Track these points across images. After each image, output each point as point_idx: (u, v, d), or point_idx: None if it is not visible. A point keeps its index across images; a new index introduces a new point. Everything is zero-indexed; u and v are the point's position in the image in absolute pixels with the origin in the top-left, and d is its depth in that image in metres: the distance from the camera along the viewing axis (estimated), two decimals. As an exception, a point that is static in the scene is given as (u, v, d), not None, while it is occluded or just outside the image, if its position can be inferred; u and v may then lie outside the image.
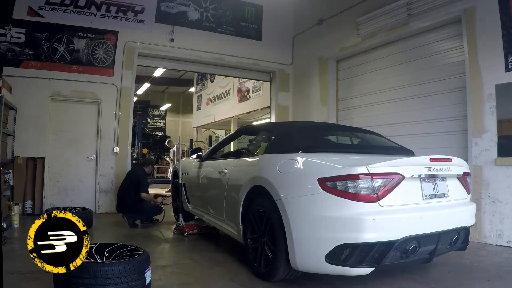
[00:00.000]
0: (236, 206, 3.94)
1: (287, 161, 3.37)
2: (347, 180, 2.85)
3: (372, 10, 7.21)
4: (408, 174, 2.99)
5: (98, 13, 7.91)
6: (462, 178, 3.49)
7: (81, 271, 2.56)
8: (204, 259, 4.25)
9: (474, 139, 5.44)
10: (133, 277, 2.71)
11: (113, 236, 5.69)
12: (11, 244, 4.70)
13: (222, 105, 16.81)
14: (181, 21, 8.69)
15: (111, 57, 8.01)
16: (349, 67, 8.25)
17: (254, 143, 4.93)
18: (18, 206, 6.07)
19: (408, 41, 6.82)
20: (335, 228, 2.84)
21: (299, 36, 9.66)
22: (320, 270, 2.98)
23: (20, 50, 7.34)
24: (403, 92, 6.86)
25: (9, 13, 7.26)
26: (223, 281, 3.49)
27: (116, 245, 3.21)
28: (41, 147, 7.34)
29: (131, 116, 8.41)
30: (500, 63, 5.16)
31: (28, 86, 7.29)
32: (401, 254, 2.90)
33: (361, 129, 4.91)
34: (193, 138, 20.89)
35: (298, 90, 9.63)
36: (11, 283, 3.11)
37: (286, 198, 3.14)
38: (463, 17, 5.68)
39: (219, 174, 4.55)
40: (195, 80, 20.26)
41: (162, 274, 3.59)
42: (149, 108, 25.55)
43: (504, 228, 5.07)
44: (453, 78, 6.02)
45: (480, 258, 4.39)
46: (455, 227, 3.21)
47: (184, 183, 6.04)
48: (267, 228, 3.39)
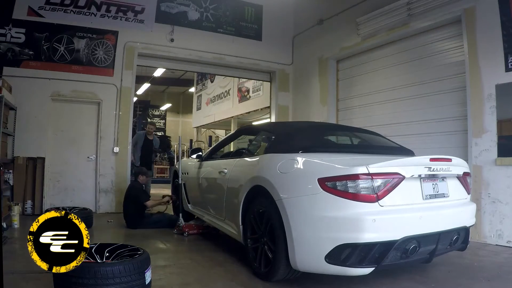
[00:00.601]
0: (236, 206, 3.94)
1: (287, 161, 3.37)
2: (347, 180, 2.85)
3: (372, 10, 7.21)
4: (408, 174, 2.99)
5: (98, 13, 7.91)
6: (462, 178, 3.49)
7: (81, 271, 2.56)
8: (204, 259, 4.25)
9: (474, 139, 5.45)
10: (133, 277, 2.70)
11: (113, 236, 5.69)
12: (11, 244, 4.70)
13: (222, 105, 16.82)
14: (181, 21, 8.69)
15: (111, 57, 8.01)
16: (349, 67, 8.25)
17: (254, 143, 4.93)
18: (18, 206, 6.06)
19: (408, 41, 6.82)
20: (335, 228, 2.84)
21: (299, 36, 9.67)
22: (320, 270, 2.98)
23: (20, 50, 7.34)
24: (403, 92, 6.86)
25: (9, 13, 7.26)
26: (223, 281, 3.49)
27: (116, 245, 3.20)
28: (41, 147, 7.34)
29: (131, 116, 8.40)
30: (500, 63, 5.16)
31: (28, 86, 7.28)
32: (401, 254, 2.90)
33: (361, 129, 4.91)
34: (193, 138, 20.89)
35: (298, 90, 9.64)
36: (11, 283, 3.11)
37: (286, 198, 3.14)
38: (463, 17, 5.68)
39: (219, 174, 4.55)
40: (195, 80, 20.26)
41: (162, 274, 3.59)
42: (149, 108, 25.55)
43: (504, 228, 5.07)
44: (453, 78, 6.02)
45: (480, 258, 4.39)
46: (455, 227, 3.21)
47: (184, 183, 6.04)
48: (267, 228, 3.39)
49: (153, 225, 6.14)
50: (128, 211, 6.23)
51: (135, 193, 6.27)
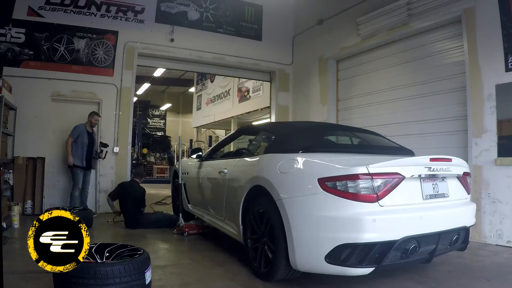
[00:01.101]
0: (236, 206, 3.94)
1: (287, 161, 3.37)
2: (347, 180, 2.85)
3: (372, 10, 7.21)
4: (408, 174, 2.99)
5: (98, 13, 7.91)
6: (462, 178, 3.49)
7: (81, 271, 2.55)
8: (204, 259, 4.25)
9: (474, 139, 5.45)
10: (133, 277, 2.70)
11: (113, 236, 5.69)
12: (11, 244, 4.70)
13: (222, 105, 16.82)
14: (181, 21, 8.68)
15: (111, 57, 8.01)
16: (349, 67, 8.25)
17: (254, 143, 4.93)
18: (18, 206, 6.05)
19: (408, 41, 6.82)
20: (335, 228, 2.84)
21: (299, 36, 9.67)
22: (320, 270, 2.98)
23: (20, 50, 7.33)
24: (403, 92, 6.87)
25: (9, 13, 7.24)
26: (223, 281, 3.49)
27: (116, 245, 3.20)
28: (41, 147, 7.33)
29: (131, 116, 8.40)
30: (500, 63, 5.16)
31: (28, 86, 7.27)
32: (401, 254, 2.90)
33: (361, 129, 4.91)
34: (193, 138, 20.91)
35: (298, 90, 9.64)
36: (11, 283, 3.12)
37: (286, 198, 3.14)
38: (463, 17, 5.69)
39: (219, 174, 4.55)
40: (195, 80, 20.27)
41: (162, 274, 3.59)
42: (149, 108, 25.57)
43: (504, 228, 5.07)
44: (453, 78, 6.02)
45: (480, 258, 4.39)
46: (455, 227, 3.21)
47: (184, 183, 6.04)
48: (267, 228, 3.39)
49: (153, 224, 6.13)
50: (127, 210, 6.23)
51: (134, 194, 6.28)
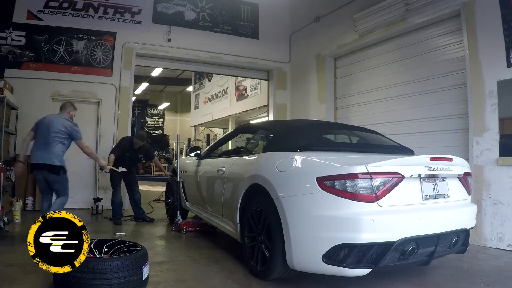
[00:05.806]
0: (234, 204, 3.91)
1: (285, 159, 3.34)
2: (346, 179, 2.81)
3: (369, 6, 7.12)
4: (407, 173, 2.94)
5: (96, 15, 8.06)
6: (463, 178, 3.43)
7: (80, 266, 2.61)
8: (201, 256, 4.24)
9: (475, 138, 5.30)
10: (130, 272, 2.76)
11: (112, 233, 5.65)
12: (12, 238, 4.91)
13: (220, 104, 16.80)
14: (177, 21, 8.71)
15: (109, 58, 8.10)
16: (347, 65, 8.18)
17: (252, 141, 4.92)
18: (19, 202, 6.28)
19: (407, 37, 6.73)
20: (333, 227, 2.80)
21: (296, 33, 9.61)
22: (317, 270, 2.94)
23: (20, 52, 7.56)
24: (402, 89, 6.79)
25: (9, 17, 7.49)
26: (220, 278, 3.47)
27: (115, 240, 3.28)
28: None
29: (130, 115, 8.48)
30: (502, 59, 5.01)
31: (29, 87, 7.43)
32: (399, 255, 2.86)
33: (360, 128, 4.84)
34: (191, 137, 20.90)
35: (296, 88, 9.58)
36: (11, 275, 3.27)
37: (284, 197, 3.10)
38: (462, 11, 5.55)
39: (217, 173, 4.52)
40: (193, 79, 20.26)
41: (159, 270, 3.61)
42: (148, 107, 25.65)
43: (505, 231, 4.90)
44: (453, 74, 5.91)
45: (479, 262, 4.28)
46: (455, 229, 3.15)
47: (182, 181, 6.04)
48: (265, 226, 3.36)
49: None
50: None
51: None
